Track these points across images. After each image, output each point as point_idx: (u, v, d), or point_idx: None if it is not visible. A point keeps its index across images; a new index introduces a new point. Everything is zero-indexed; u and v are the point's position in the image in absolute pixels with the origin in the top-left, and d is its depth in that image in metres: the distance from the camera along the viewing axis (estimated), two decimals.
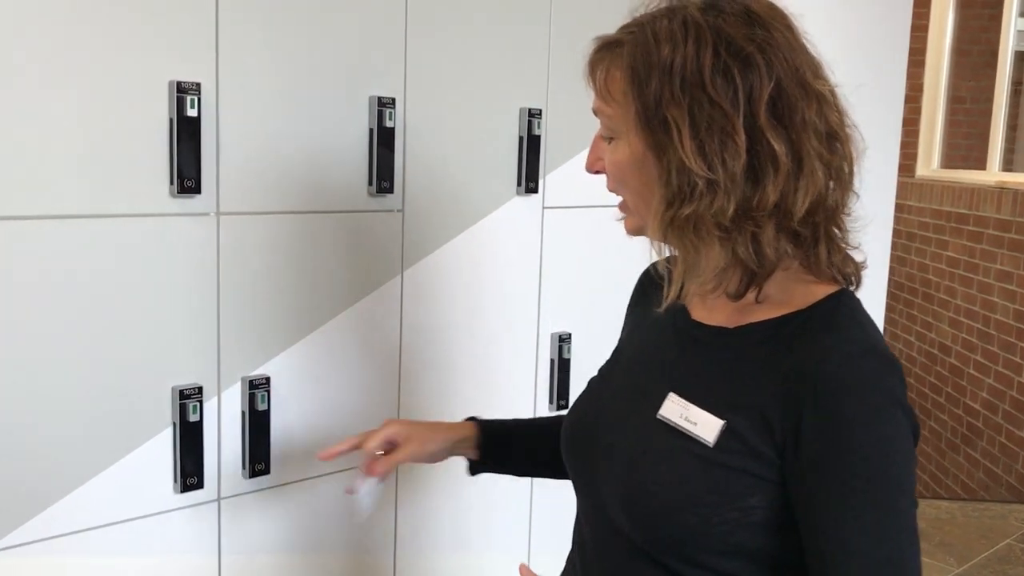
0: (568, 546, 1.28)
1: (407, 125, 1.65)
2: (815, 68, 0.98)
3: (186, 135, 1.38)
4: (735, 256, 0.96)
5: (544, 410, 1.97)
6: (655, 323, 1.15)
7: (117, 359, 1.38)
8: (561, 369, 1.96)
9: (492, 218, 1.82)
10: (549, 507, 1.99)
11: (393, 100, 1.61)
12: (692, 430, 0.98)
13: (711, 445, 0.97)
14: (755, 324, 1.01)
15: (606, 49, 1.02)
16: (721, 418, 0.97)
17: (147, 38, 1.35)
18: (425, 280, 1.74)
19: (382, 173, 1.62)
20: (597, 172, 1.09)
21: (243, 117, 1.46)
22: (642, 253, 1.42)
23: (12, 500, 1.32)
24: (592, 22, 1.90)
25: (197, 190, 1.41)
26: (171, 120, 1.37)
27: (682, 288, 1.03)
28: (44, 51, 1.27)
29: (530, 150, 1.84)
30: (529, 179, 1.85)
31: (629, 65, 0.97)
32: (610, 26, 1.14)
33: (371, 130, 1.60)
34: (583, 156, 1.92)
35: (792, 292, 1.00)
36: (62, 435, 1.35)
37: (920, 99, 5.79)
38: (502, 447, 1.34)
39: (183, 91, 1.37)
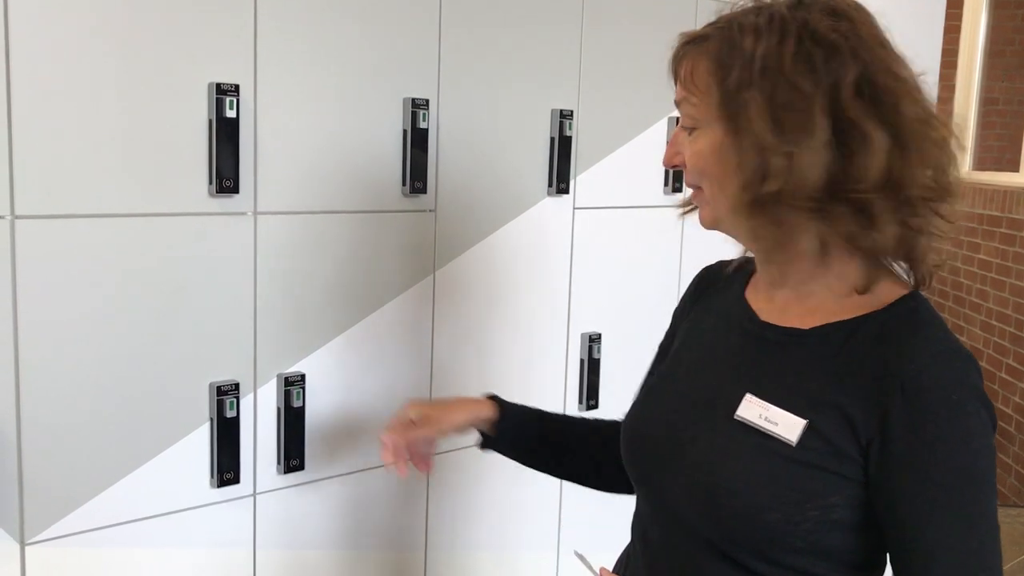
0: (599, 542, 1.29)
1: (440, 126, 1.67)
2: (900, 60, 1.01)
3: (225, 136, 1.41)
4: (843, 233, 0.97)
5: (574, 409, 1.98)
6: (718, 326, 1.16)
7: (156, 356, 1.41)
8: (591, 369, 1.97)
9: (523, 218, 1.83)
10: (579, 505, 2.00)
11: (427, 102, 1.62)
12: (773, 430, 0.99)
13: (794, 444, 0.98)
14: (831, 325, 1.02)
15: (693, 43, 1.04)
16: (802, 417, 0.98)
17: (187, 41, 1.37)
18: (457, 279, 1.75)
19: (415, 173, 1.63)
20: (675, 166, 1.09)
21: (280, 118, 1.48)
22: (674, 254, 1.43)
23: (54, 493, 1.34)
24: (624, 24, 1.92)
25: (235, 190, 1.43)
26: (210, 121, 1.40)
27: (770, 275, 1.06)
28: (88, 55, 1.29)
29: (561, 151, 1.85)
30: (560, 180, 1.86)
31: (715, 56, 1.00)
32: (641, 28, 1.15)
33: (405, 131, 1.62)
34: (614, 157, 1.96)
35: (866, 292, 1.02)
36: (102, 430, 1.37)
37: (952, 100, 5.73)
38: (517, 429, 1.35)
39: (222, 93, 1.39)
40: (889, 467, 0.95)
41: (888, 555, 1.00)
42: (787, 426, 0.99)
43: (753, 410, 1.02)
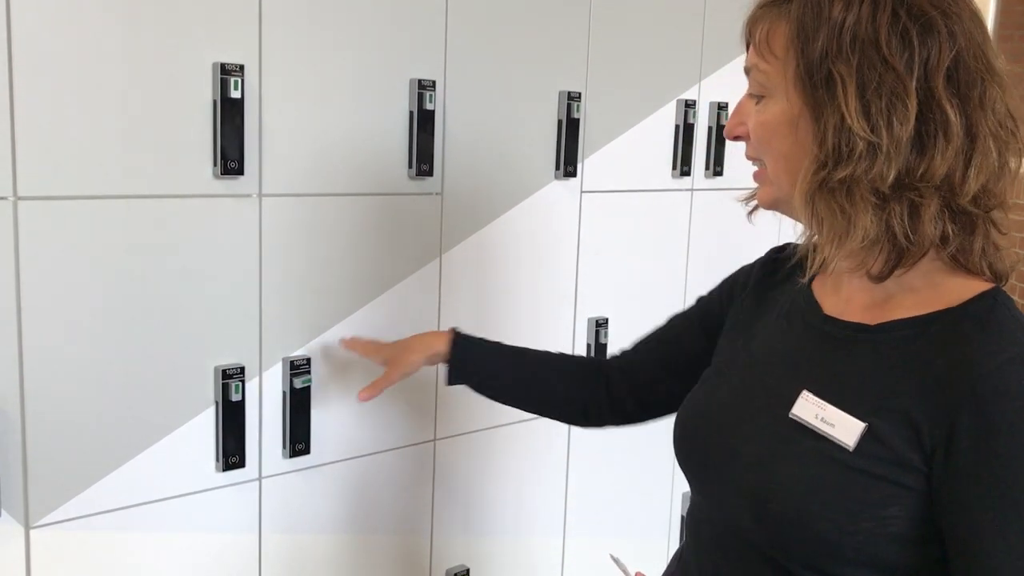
0: (603, 529, 1.28)
1: (447, 108, 1.66)
2: (992, 46, 0.93)
3: (229, 117, 1.39)
4: (887, 229, 0.89)
5: None
6: (780, 316, 1.09)
7: (161, 339, 1.40)
8: (598, 354, 1.96)
9: (530, 202, 1.82)
10: (584, 490, 2.00)
11: (433, 83, 1.61)
12: (830, 432, 0.92)
13: (851, 449, 0.90)
14: (899, 321, 0.94)
15: (772, 6, 0.96)
16: (862, 420, 0.91)
17: (191, 21, 1.36)
18: (463, 263, 1.74)
19: (422, 156, 1.62)
20: (737, 138, 1.01)
21: (285, 99, 1.46)
22: (682, 238, 1.41)
23: (59, 476, 1.34)
24: (632, 5, 1.89)
25: (240, 171, 1.42)
26: (214, 102, 1.38)
27: (822, 263, 0.94)
28: (92, 35, 1.28)
29: (569, 134, 1.83)
30: (568, 163, 1.84)
31: (797, 19, 0.92)
32: (650, 9, 1.13)
33: (411, 113, 1.60)
34: (622, 140, 1.94)
35: (940, 287, 0.94)
36: (107, 413, 1.37)
37: None
38: (475, 361, 1.40)
39: (227, 73, 1.38)
40: (957, 478, 0.86)
41: (950, 570, 0.90)
42: (845, 429, 0.91)
43: (809, 409, 0.94)
